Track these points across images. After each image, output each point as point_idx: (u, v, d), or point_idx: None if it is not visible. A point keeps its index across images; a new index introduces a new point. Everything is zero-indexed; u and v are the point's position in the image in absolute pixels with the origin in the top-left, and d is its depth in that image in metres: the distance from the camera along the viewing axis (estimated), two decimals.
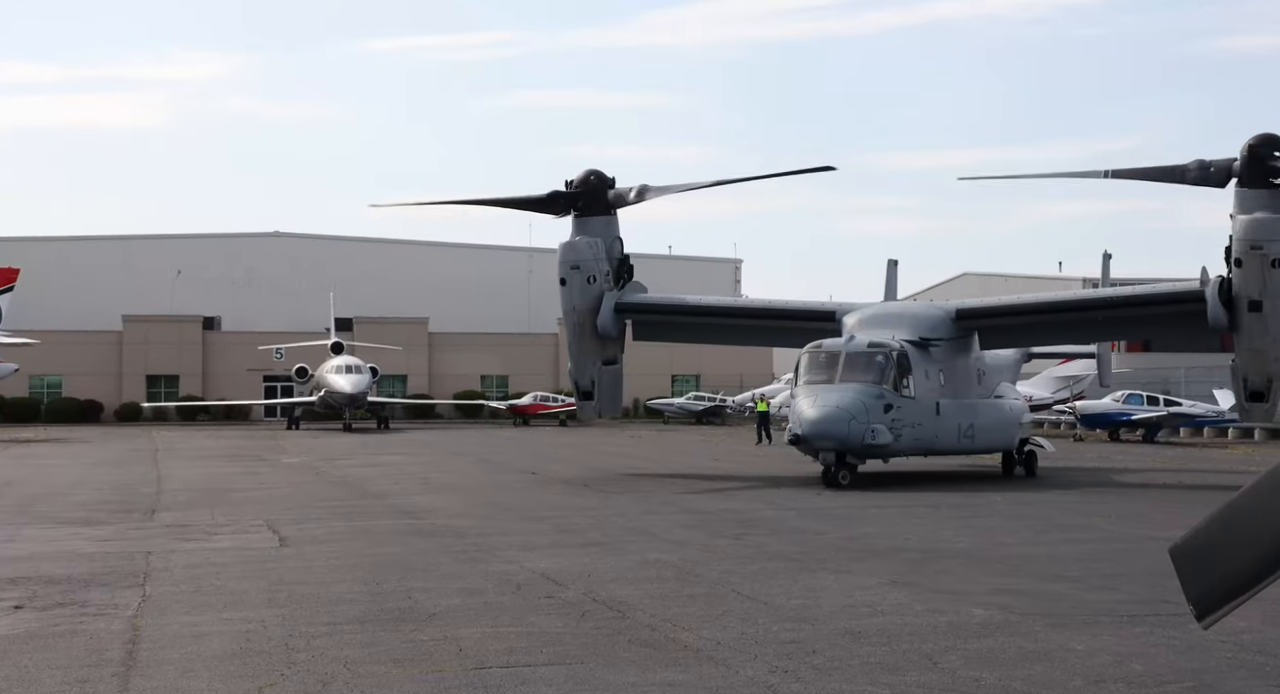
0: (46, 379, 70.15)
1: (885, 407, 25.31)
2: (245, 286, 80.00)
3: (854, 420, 24.76)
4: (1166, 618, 10.73)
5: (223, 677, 8.83)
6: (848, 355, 25.83)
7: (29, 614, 11.25)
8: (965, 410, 27.62)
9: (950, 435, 27.33)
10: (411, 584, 12.77)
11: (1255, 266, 24.63)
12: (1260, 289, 24.74)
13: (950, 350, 27.82)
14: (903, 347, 26.32)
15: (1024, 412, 30.25)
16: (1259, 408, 25.66)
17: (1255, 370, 25.36)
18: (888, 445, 25.36)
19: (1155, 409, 49.04)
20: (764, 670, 8.97)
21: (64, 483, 27.07)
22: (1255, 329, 25.00)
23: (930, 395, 26.66)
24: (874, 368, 25.72)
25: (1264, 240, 24.55)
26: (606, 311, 29.73)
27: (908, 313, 28.88)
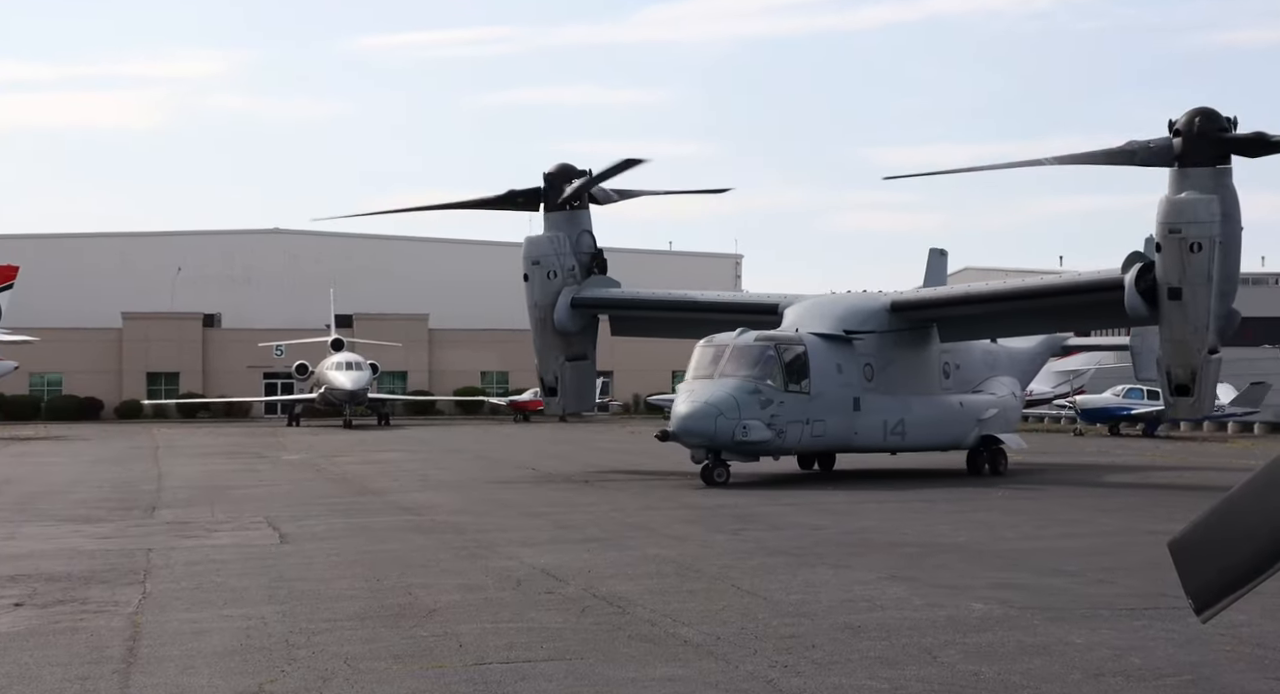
0: (46, 377, 70.15)
1: (761, 402, 24.22)
2: (245, 284, 79.98)
3: (722, 416, 23.80)
4: (1165, 612, 10.74)
5: (223, 673, 8.84)
6: (733, 350, 24.86)
7: (29, 611, 11.26)
8: (897, 406, 26.48)
9: (874, 432, 26.19)
10: (411, 580, 12.78)
11: (1174, 251, 22.92)
12: (1180, 276, 22.95)
13: (886, 343, 26.71)
14: (802, 340, 25.38)
15: (991, 407, 28.42)
16: (1184, 403, 23.82)
17: (1178, 363, 23.53)
18: (765, 442, 24.32)
19: (1155, 403, 48.96)
20: (764, 665, 8.98)
21: (64, 480, 27.08)
22: (1176, 319, 23.24)
23: (845, 390, 25.59)
24: (756, 362, 24.62)
25: (1183, 223, 22.86)
26: (563, 307, 29.70)
27: (842, 305, 27.62)
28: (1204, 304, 22.94)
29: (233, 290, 79.07)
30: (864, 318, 26.76)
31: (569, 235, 29.99)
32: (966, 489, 24.18)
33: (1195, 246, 22.72)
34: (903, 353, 27.15)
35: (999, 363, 30.30)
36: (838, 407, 25.54)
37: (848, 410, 25.73)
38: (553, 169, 30.15)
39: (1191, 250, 22.77)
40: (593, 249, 30.35)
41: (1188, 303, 23.00)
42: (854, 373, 25.99)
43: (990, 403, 28.51)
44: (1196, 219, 22.76)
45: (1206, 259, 22.72)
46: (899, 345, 27.09)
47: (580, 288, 30.02)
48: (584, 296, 29.98)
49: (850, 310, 27.01)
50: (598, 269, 30.45)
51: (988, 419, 28.20)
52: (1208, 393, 23.66)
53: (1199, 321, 23.07)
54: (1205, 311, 22.97)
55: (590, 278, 30.17)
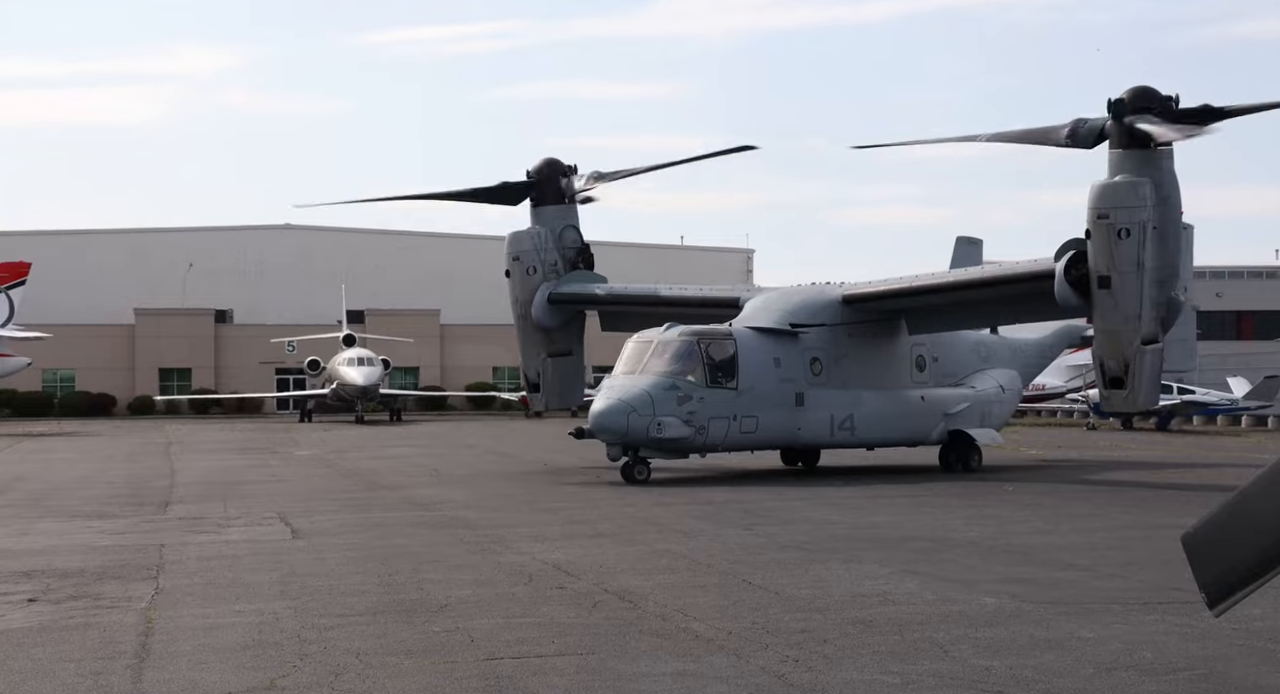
0: (59, 373, 70.38)
1: (679, 398, 23.67)
2: (257, 279, 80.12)
3: (634, 413, 23.32)
4: (1178, 605, 10.71)
5: (235, 668, 8.86)
6: (656, 346, 24.36)
7: (43, 607, 11.31)
8: (847, 400, 25.85)
9: (818, 427, 25.61)
10: (423, 576, 12.81)
11: (1103, 238, 21.98)
12: (1109, 263, 22.02)
13: (839, 336, 26.10)
14: (732, 334, 24.84)
15: (961, 401, 27.50)
16: (1118, 395, 22.84)
17: (1110, 354, 22.59)
18: (682, 439, 23.81)
19: (1169, 397, 48.84)
20: (775, 660, 8.98)
21: (77, 477, 27.18)
22: (1106, 308, 22.32)
23: (785, 385, 25.06)
24: (678, 358, 24.06)
25: (1111, 208, 21.89)
26: (540, 302, 29.58)
27: (792, 298, 26.89)
28: (1134, 292, 22.04)
29: (244, 286, 79.22)
30: (814, 311, 26.22)
31: (552, 230, 29.86)
32: (976, 484, 24.14)
33: (1123, 232, 21.81)
34: (859, 346, 26.46)
35: (995, 355, 29.45)
36: (775, 402, 24.92)
37: (788, 405, 25.14)
38: (540, 164, 30.08)
39: (1119, 236, 21.84)
40: (578, 244, 30.16)
41: (1117, 291, 22.10)
42: (797, 367, 25.40)
43: (962, 396, 27.64)
44: (1124, 204, 21.87)
45: (1135, 245, 21.82)
46: (855, 338, 26.41)
47: (558, 283, 29.83)
48: (561, 292, 29.77)
49: (800, 304, 26.44)
50: (583, 264, 30.24)
51: (956, 413, 27.35)
52: (1143, 385, 22.57)
53: (1130, 311, 22.15)
54: (1136, 300, 22.07)
55: (571, 273, 29.97)
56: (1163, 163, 22.21)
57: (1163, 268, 22.21)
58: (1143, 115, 21.97)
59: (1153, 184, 21.91)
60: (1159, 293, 22.30)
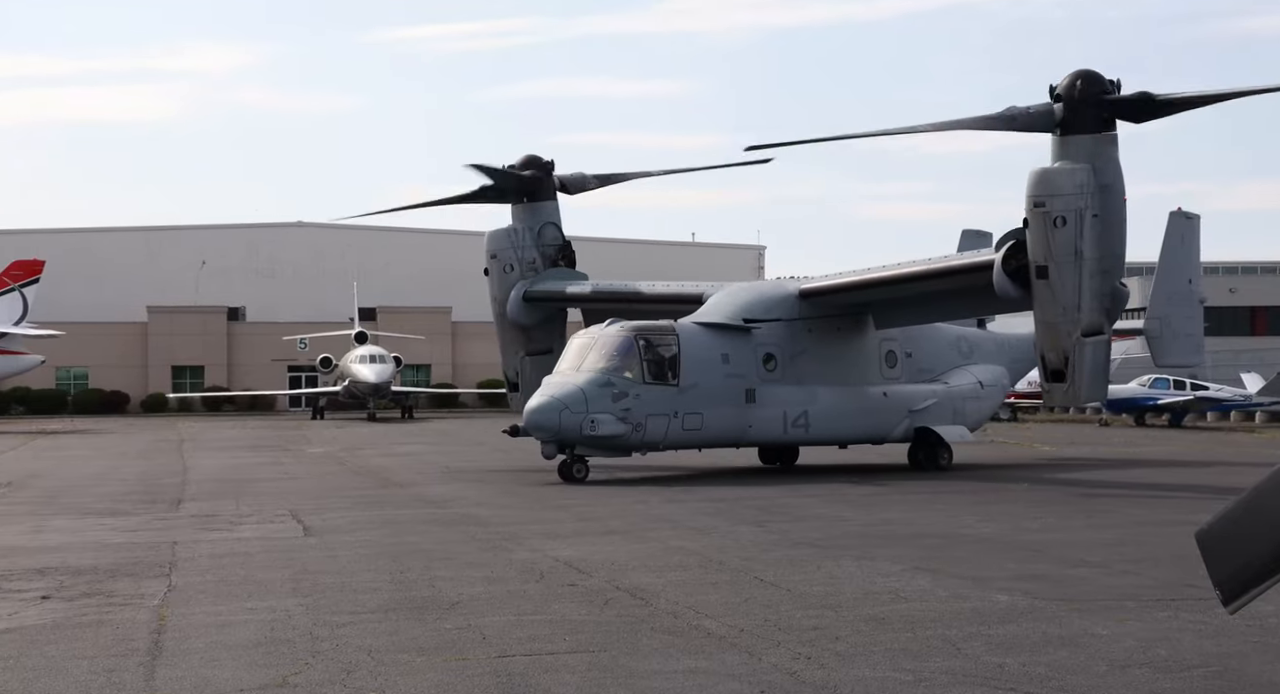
0: (72, 371, 70.61)
1: (614, 395, 23.25)
2: (269, 277, 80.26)
3: (567, 410, 22.96)
4: (1192, 602, 10.67)
5: (248, 665, 8.87)
6: (597, 342, 24.02)
7: (56, 604, 11.34)
8: (801, 397, 25.34)
9: (770, 425, 25.08)
10: (435, 573, 12.81)
11: (1040, 227, 21.33)
12: (1045, 253, 21.36)
13: (795, 331, 25.62)
14: (675, 330, 24.40)
15: (928, 398, 26.73)
16: (1058, 389, 22.10)
17: (1050, 347, 21.93)
18: (618, 436, 23.33)
19: (1181, 393, 48.74)
20: (787, 657, 8.96)
21: (90, 474, 27.25)
22: (1044, 299, 21.66)
23: (733, 381, 24.59)
24: (615, 354, 23.64)
25: (1047, 196, 21.24)
26: (514, 300, 29.51)
27: (749, 293, 26.45)
28: (1072, 283, 21.35)
29: (257, 284, 79.36)
30: (769, 306, 25.77)
31: (531, 227, 29.75)
32: (989, 482, 24.09)
33: (1059, 221, 21.15)
34: (820, 341, 25.94)
35: (979, 350, 28.62)
36: (722, 398, 24.44)
37: (736, 402, 24.65)
38: (518, 161, 29.93)
39: (1055, 225, 21.19)
40: (558, 241, 30.00)
41: (1054, 282, 21.41)
42: (748, 363, 24.92)
43: (930, 393, 26.90)
44: (1061, 191, 21.24)
45: (1073, 234, 21.18)
46: (815, 333, 25.89)
47: (534, 280, 29.67)
48: (536, 289, 29.63)
49: (756, 299, 26.02)
50: (564, 261, 30.05)
51: (923, 410, 26.62)
52: (1084, 378, 21.82)
53: (1068, 302, 21.46)
54: (1074, 291, 21.39)
55: (549, 270, 29.79)
56: (1105, 149, 21.55)
57: (1104, 257, 21.51)
58: (1088, 100, 21.40)
59: (1092, 170, 21.26)
60: (1101, 283, 21.59)
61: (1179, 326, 28.27)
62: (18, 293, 54.25)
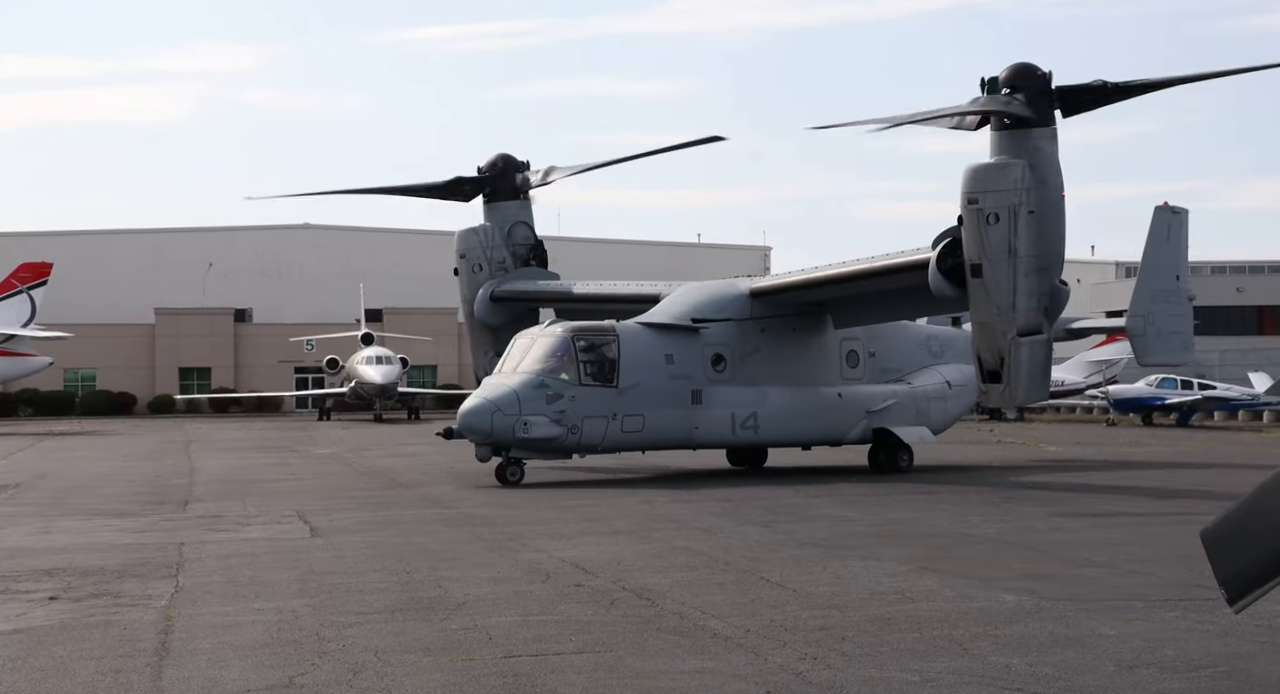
0: (80, 372, 70.72)
1: (548, 397, 22.95)
2: (275, 278, 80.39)
3: (499, 412, 22.70)
4: (1199, 602, 10.65)
5: (254, 666, 8.89)
6: (537, 343, 23.79)
7: (64, 605, 11.36)
8: (750, 398, 24.74)
9: (717, 426, 24.49)
10: (441, 574, 12.83)
11: (973, 224, 20.78)
12: (979, 251, 20.82)
13: (747, 331, 25.04)
14: (614, 330, 24.00)
15: (887, 399, 26.04)
16: (995, 390, 21.60)
17: (986, 347, 21.43)
18: (552, 438, 23.00)
19: (1189, 393, 48.67)
20: (793, 658, 8.96)
21: (98, 475, 27.30)
22: (979, 298, 21.16)
23: (678, 382, 24.14)
24: (551, 356, 23.40)
25: (980, 192, 20.71)
26: (481, 300, 29.32)
27: (699, 293, 25.84)
28: (1006, 281, 20.83)
29: (263, 285, 79.47)
30: (720, 306, 25.25)
31: (501, 227, 29.58)
32: (995, 481, 24.07)
33: (993, 218, 20.62)
34: (774, 341, 25.35)
35: (951, 349, 27.61)
36: (665, 400, 23.98)
37: (681, 404, 24.18)
38: (492, 159, 29.70)
39: (989, 222, 20.65)
40: (530, 240, 29.81)
41: (988, 281, 20.87)
42: (695, 363, 24.44)
43: (890, 393, 26.20)
44: (994, 187, 20.75)
45: (1006, 231, 20.67)
46: (769, 333, 25.33)
47: (502, 280, 29.45)
48: (503, 289, 29.39)
49: (706, 299, 25.48)
50: (536, 261, 29.80)
51: (881, 411, 25.92)
52: (1021, 379, 21.28)
53: (1002, 300, 20.92)
54: (1009, 290, 20.85)
55: (518, 270, 29.56)
56: (1040, 143, 21.03)
57: (1041, 255, 21.00)
58: (1018, 95, 20.90)
59: (1027, 166, 20.78)
60: (1038, 281, 21.05)
61: (1164, 324, 27.36)
62: (26, 295, 54.38)
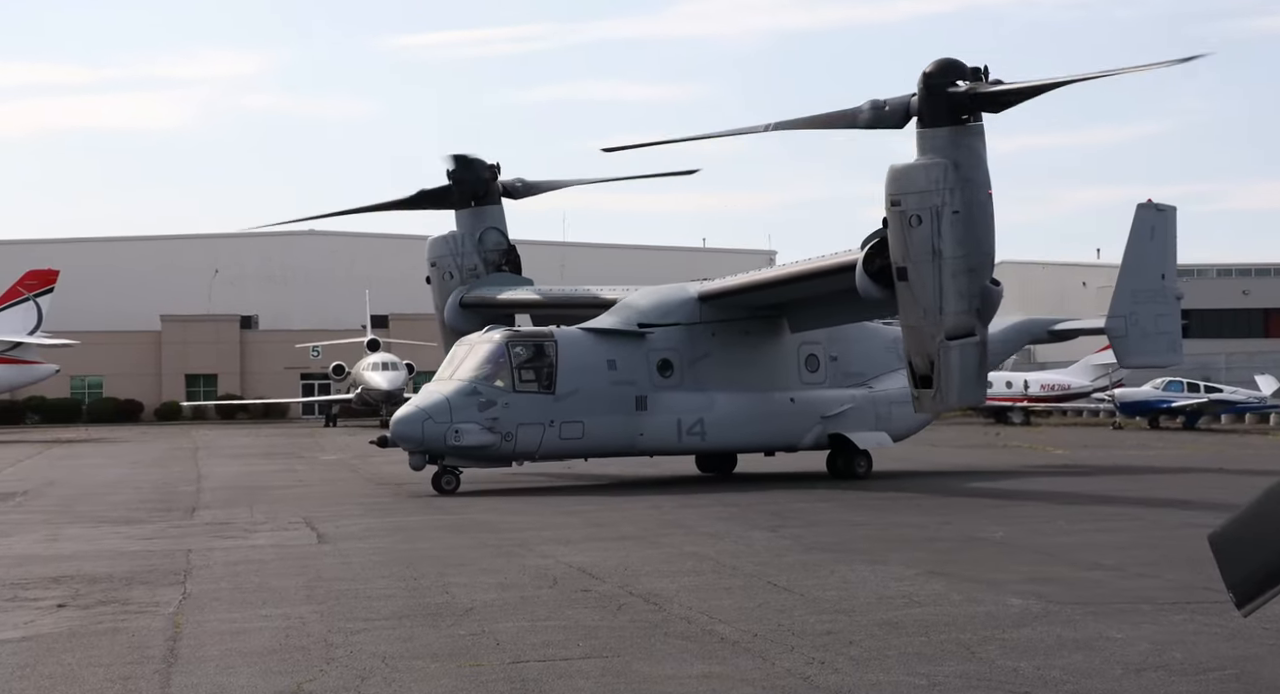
0: (87, 380, 70.86)
1: (480, 404, 22.67)
2: (282, 285, 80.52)
3: (430, 420, 22.43)
4: (1207, 606, 10.64)
5: (262, 672, 8.90)
6: (473, 350, 23.54)
7: (72, 612, 11.38)
8: (697, 403, 24.30)
9: (663, 432, 24.06)
10: (448, 579, 12.83)
11: (897, 227, 20.27)
12: (904, 253, 20.29)
13: (696, 335, 24.60)
14: (552, 335, 23.79)
15: (843, 404, 25.42)
16: (927, 395, 21.02)
17: (916, 351, 20.87)
18: (485, 446, 22.72)
19: (1196, 396, 48.61)
20: (801, 662, 8.97)
21: (105, 482, 27.34)
22: (906, 302, 20.63)
23: (621, 388, 23.76)
24: (485, 362, 23.14)
25: (902, 194, 20.18)
26: (451, 307, 29.12)
27: (650, 297, 25.38)
28: (931, 284, 20.27)
29: (269, 292, 79.61)
30: (667, 310, 24.80)
31: (471, 233, 29.43)
32: (1004, 483, 24.05)
33: (915, 220, 20.08)
34: (726, 345, 24.87)
35: None
36: (607, 406, 23.63)
37: (625, 410, 23.80)
38: (456, 166, 29.43)
39: (911, 224, 20.12)
40: (502, 246, 29.60)
41: (914, 284, 20.33)
42: (639, 369, 24.06)
43: (847, 398, 25.55)
44: (916, 188, 20.16)
45: (929, 233, 20.11)
46: (720, 337, 24.84)
47: (471, 287, 29.14)
48: (472, 296, 29.06)
49: (654, 303, 25.04)
50: (509, 266, 29.59)
51: (837, 416, 25.34)
52: (952, 383, 20.70)
53: (929, 304, 20.37)
54: (935, 292, 20.30)
55: (488, 275, 29.38)
56: (967, 140, 20.46)
57: (970, 255, 20.41)
58: (945, 90, 20.33)
59: (951, 164, 20.21)
60: (968, 282, 20.44)
61: (1148, 325, 26.99)
62: (32, 302, 54.51)
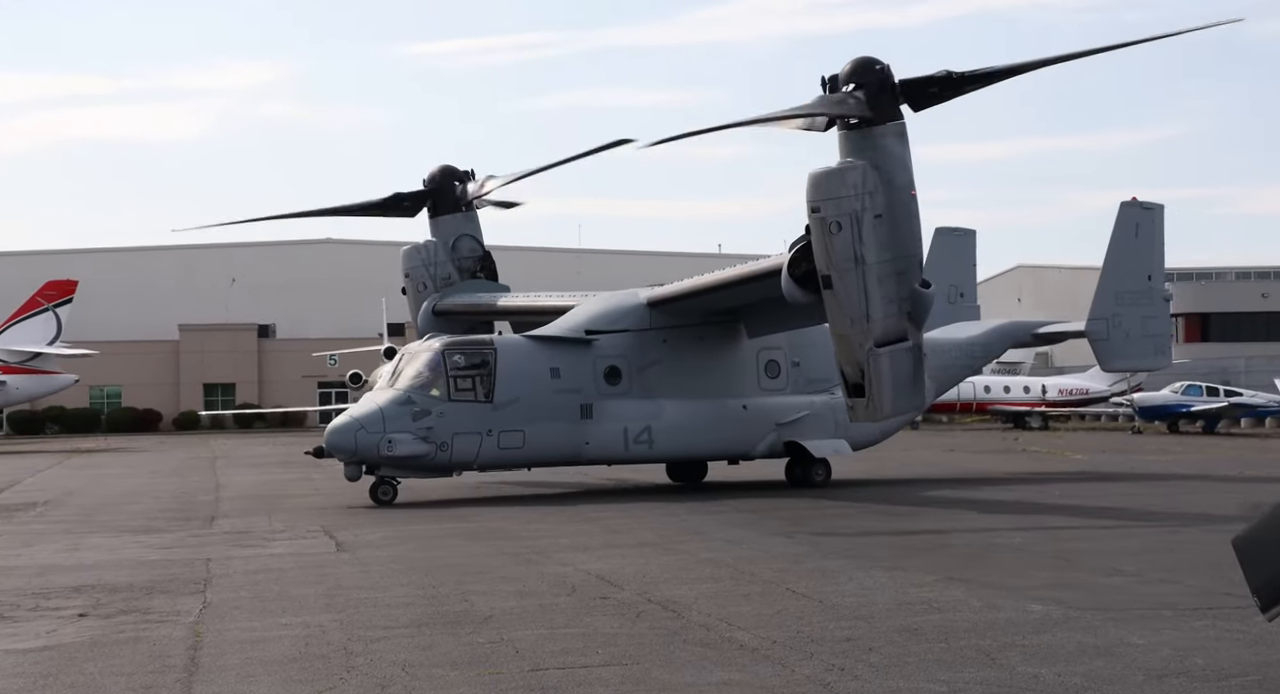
0: (106, 389, 71.20)
1: (414, 413, 22.39)
2: (299, 294, 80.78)
3: (363, 430, 22.19)
4: (1229, 611, 10.58)
5: (283, 681, 8.92)
6: (412, 358, 23.28)
7: (93, 622, 11.42)
8: (645, 411, 23.79)
9: (609, 441, 23.59)
10: (467, 587, 12.85)
11: (819, 234, 19.77)
12: (827, 261, 19.81)
13: (646, 342, 24.11)
14: (492, 343, 23.61)
15: (798, 410, 24.83)
16: (860, 404, 20.49)
17: (845, 360, 20.38)
18: (420, 456, 22.40)
19: (1215, 400, 48.38)
20: (820, 669, 8.95)
21: (124, 492, 27.44)
22: (833, 309, 20.11)
23: (564, 396, 23.34)
24: (422, 371, 22.86)
25: (821, 200, 19.67)
26: (424, 316, 28.88)
27: (600, 303, 24.92)
28: (856, 291, 19.73)
29: (287, 301, 79.87)
30: (615, 317, 24.32)
31: (445, 241, 29.15)
32: (1021, 488, 23.97)
33: (835, 226, 19.56)
34: (675, 352, 24.32)
35: None
36: (550, 414, 23.22)
37: (569, 418, 23.39)
38: (434, 172, 29.18)
39: (832, 231, 19.60)
40: (476, 252, 29.28)
41: (839, 291, 19.82)
42: (584, 376, 23.61)
43: (804, 404, 24.88)
44: (834, 194, 19.63)
45: (850, 239, 19.59)
46: (671, 343, 24.33)
47: (444, 294, 28.83)
48: (444, 304, 28.80)
49: (602, 309, 24.60)
50: (484, 273, 29.29)
51: (792, 423, 24.75)
52: (884, 391, 20.17)
53: (855, 311, 19.84)
54: (860, 299, 19.76)
55: (462, 283, 29.07)
56: (884, 141, 19.87)
57: (896, 258, 19.88)
58: (859, 92, 19.76)
59: (869, 167, 19.68)
60: (896, 287, 19.91)
61: (1132, 327, 26.34)
62: (51, 313, 54.79)
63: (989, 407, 58.46)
